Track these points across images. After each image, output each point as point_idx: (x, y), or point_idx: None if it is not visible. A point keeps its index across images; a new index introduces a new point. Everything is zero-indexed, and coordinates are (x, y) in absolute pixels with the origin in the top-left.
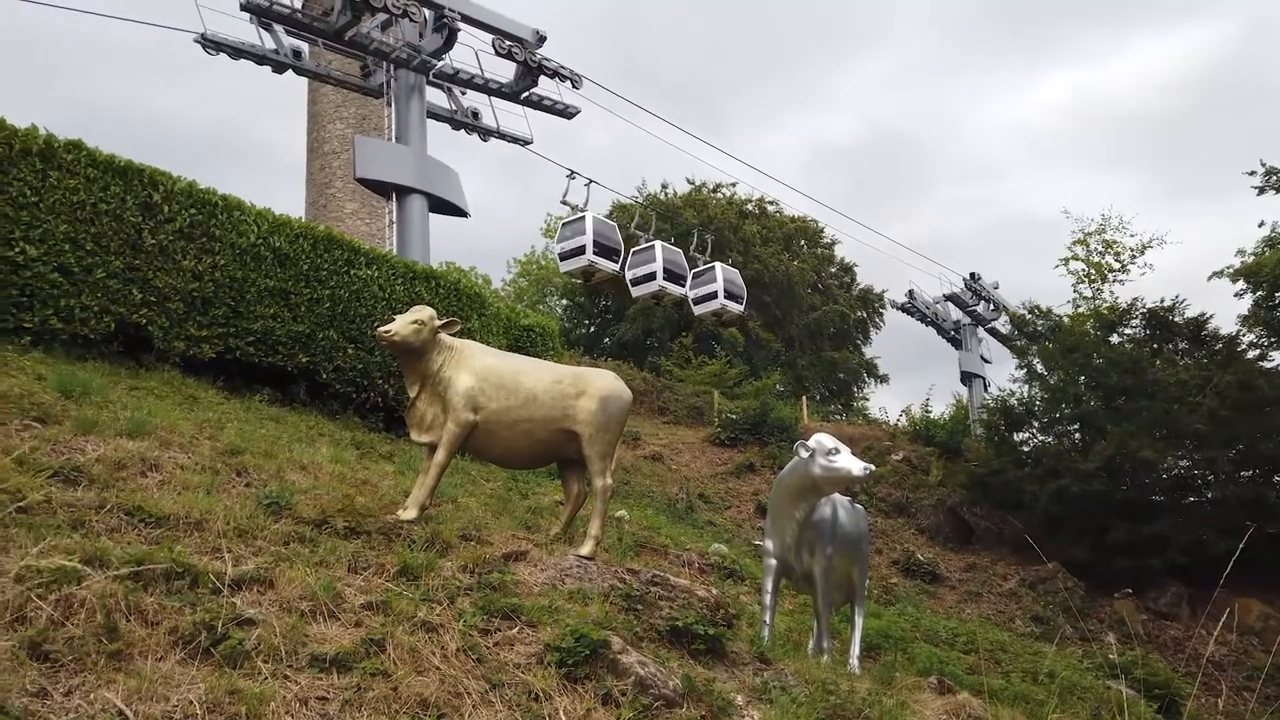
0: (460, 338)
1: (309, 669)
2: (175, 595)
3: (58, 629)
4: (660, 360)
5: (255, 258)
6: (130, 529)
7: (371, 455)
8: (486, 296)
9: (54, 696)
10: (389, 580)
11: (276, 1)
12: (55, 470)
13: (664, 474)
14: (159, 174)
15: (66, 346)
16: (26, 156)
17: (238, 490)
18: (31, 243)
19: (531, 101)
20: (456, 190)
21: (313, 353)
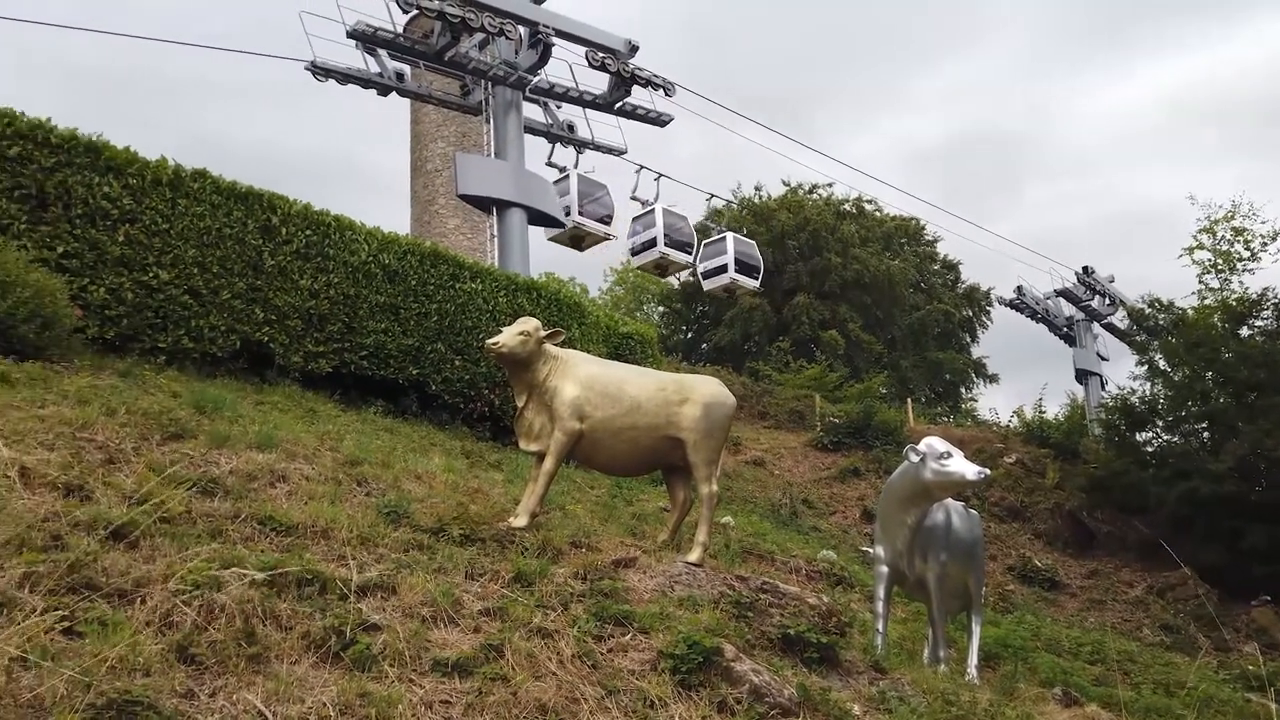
0: (563, 347)
1: (432, 673)
2: (306, 601)
3: (201, 633)
4: (759, 365)
5: (366, 275)
6: (263, 537)
7: (480, 464)
8: (585, 306)
9: (200, 697)
10: (504, 587)
11: (380, 28)
12: (194, 482)
13: (766, 479)
14: (277, 198)
15: (197, 364)
16: (158, 186)
17: (359, 499)
18: (164, 267)
19: (625, 111)
20: (553, 202)
21: (422, 365)
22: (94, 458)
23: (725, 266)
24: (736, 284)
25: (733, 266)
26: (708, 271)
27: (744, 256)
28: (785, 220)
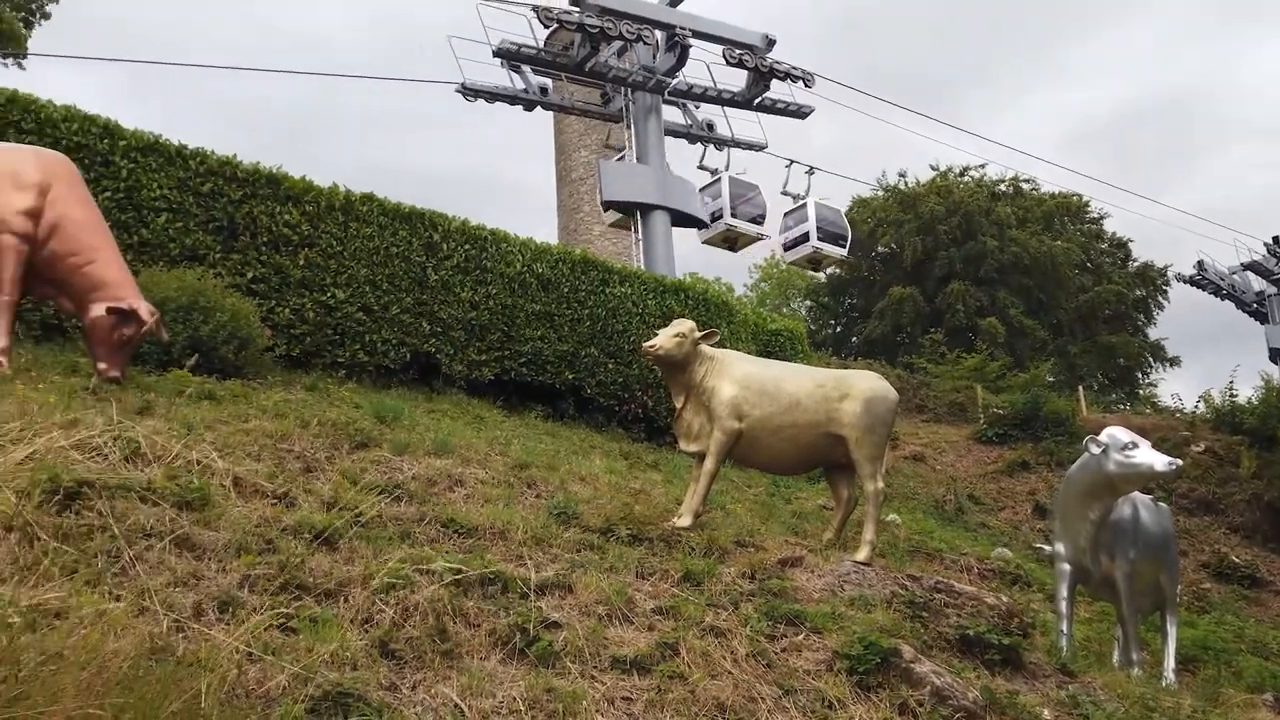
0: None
1: (612, 670)
2: (490, 600)
3: (399, 630)
4: (913, 358)
5: (522, 284)
6: (447, 539)
7: (639, 465)
8: (733, 304)
9: (402, 690)
10: (674, 586)
11: (523, 45)
12: (382, 488)
13: (927, 475)
14: (437, 216)
15: (372, 376)
16: (331, 211)
17: (530, 501)
18: (339, 287)
19: (764, 106)
20: (695, 203)
21: (577, 370)
22: (294, 467)
23: (807, 235)
24: (821, 253)
25: (815, 235)
26: (789, 242)
27: (827, 224)
28: (934, 206)
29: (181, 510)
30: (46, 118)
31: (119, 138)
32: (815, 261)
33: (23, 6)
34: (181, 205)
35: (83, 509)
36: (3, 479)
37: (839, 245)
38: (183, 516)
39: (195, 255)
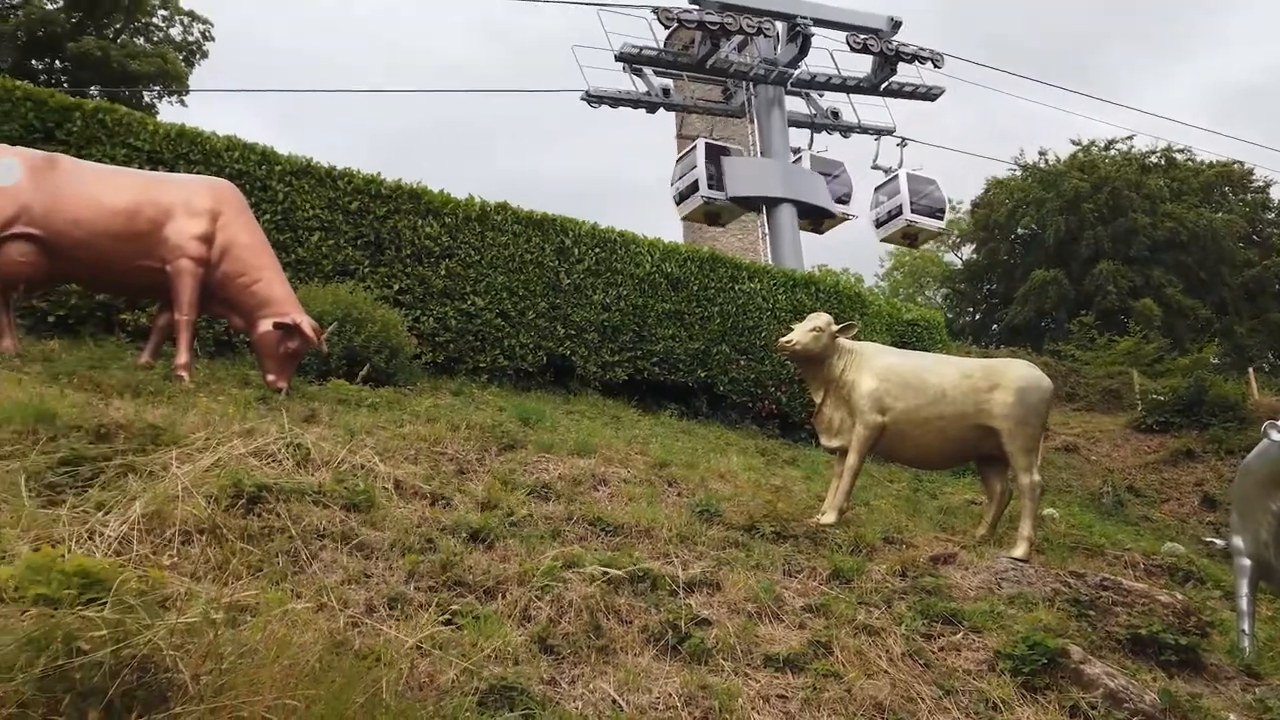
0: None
1: (765, 668)
2: (640, 597)
3: (555, 626)
4: (1060, 343)
5: (651, 285)
6: (594, 537)
7: (776, 461)
8: (865, 296)
9: (561, 685)
10: (823, 583)
11: (644, 47)
12: (531, 488)
13: (1081, 466)
14: (568, 221)
15: (512, 380)
16: (469, 222)
17: (672, 500)
18: (479, 295)
19: (891, 90)
20: (822, 194)
21: (709, 367)
22: (448, 469)
23: (900, 209)
24: (915, 226)
25: (908, 207)
26: (882, 217)
27: (922, 195)
28: (1078, 182)
29: (349, 512)
30: (211, 148)
31: (275, 163)
32: (910, 236)
33: (184, 47)
34: (332, 223)
35: (263, 512)
36: (193, 485)
37: (935, 218)
38: (351, 518)
39: (346, 270)
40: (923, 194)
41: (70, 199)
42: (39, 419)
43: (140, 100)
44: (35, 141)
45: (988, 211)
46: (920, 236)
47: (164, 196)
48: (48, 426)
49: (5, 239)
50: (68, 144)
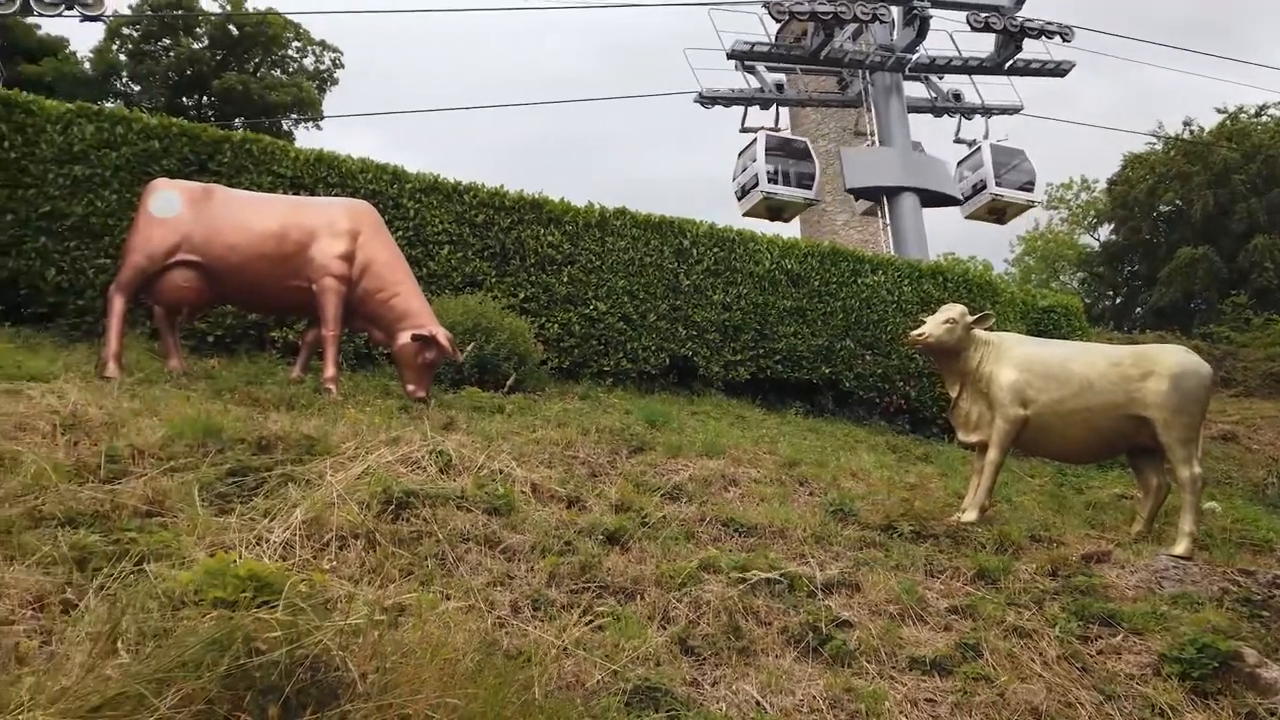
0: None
1: (911, 671)
2: (778, 598)
3: (694, 627)
4: (1212, 325)
5: (772, 282)
6: (728, 538)
7: (909, 458)
8: (997, 283)
9: (703, 686)
10: (968, 584)
11: (756, 43)
12: (662, 490)
13: (1241, 456)
14: (686, 222)
15: (635, 382)
16: (589, 229)
17: (803, 499)
18: (600, 299)
19: (1017, 69)
20: (946, 180)
21: (833, 363)
22: (581, 472)
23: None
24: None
25: (992, 181)
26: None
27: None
28: (1227, 153)
29: (491, 516)
30: (346, 170)
31: (405, 181)
32: (997, 211)
33: (316, 75)
34: (460, 237)
35: (411, 517)
36: (347, 492)
37: (1025, 190)
38: (493, 521)
39: (474, 281)
40: (1009, 166)
41: (225, 226)
42: (207, 433)
43: (280, 128)
44: (191, 173)
45: (1126, 189)
46: (1008, 212)
47: (308, 219)
48: (215, 440)
49: (169, 266)
50: (219, 174)
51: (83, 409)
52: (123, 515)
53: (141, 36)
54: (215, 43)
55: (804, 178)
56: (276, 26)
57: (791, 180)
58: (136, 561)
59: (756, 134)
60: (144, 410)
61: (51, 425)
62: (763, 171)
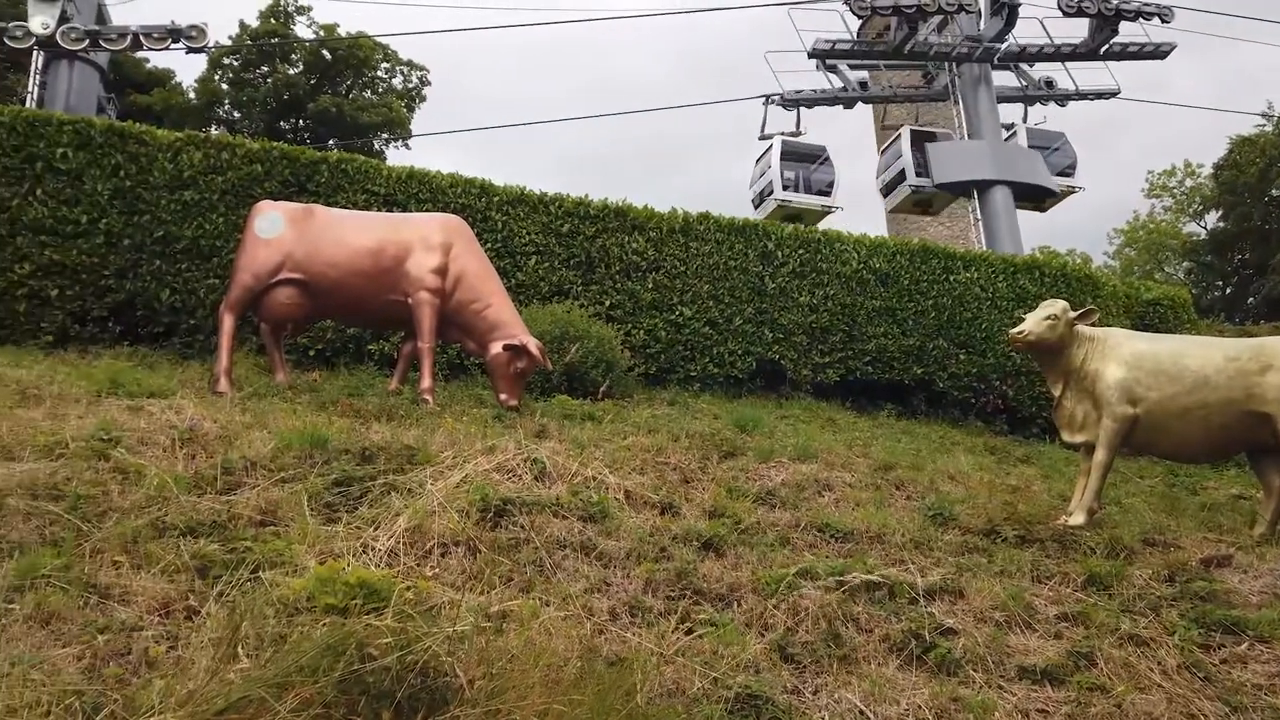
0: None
1: (1020, 680)
2: (878, 605)
3: (793, 634)
4: None
5: (859, 282)
6: (824, 544)
7: (1008, 460)
8: (1097, 277)
9: (804, 694)
10: (1078, 590)
11: (837, 40)
12: (755, 495)
13: None
14: (770, 225)
15: (722, 387)
16: (673, 234)
17: (900, 503)
18: (686, 305)
19: (1113, 53)
20: (1041, 172)
21: (925, 364)
22: (673, 478)
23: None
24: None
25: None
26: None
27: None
28: None
29: (586, 523)
30: (436, 186)
31: (493, 194)
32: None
33: (404, 95)
34: (546, 246)
35: (509, 524)
36: (447, 500)
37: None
38: (588, 528)
39: (561, 290)
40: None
41: (326, 244)
42: (314, 444)
43: (371, 148)
44: (291, 194)
45: (1234, 173)
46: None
47: (403, 235)
48: (321, 451)
49: (274, 285)
50: (317, 194)
51: (199, 423)
52: (239, 525)
53: (242, 65)
54: (310, 68)
55: (822, 184)
56: (366, 49)
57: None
58: (252, 569)
59: (772, 140)
60: (255, 423)
61: (171, 439)
62: (778, 178)
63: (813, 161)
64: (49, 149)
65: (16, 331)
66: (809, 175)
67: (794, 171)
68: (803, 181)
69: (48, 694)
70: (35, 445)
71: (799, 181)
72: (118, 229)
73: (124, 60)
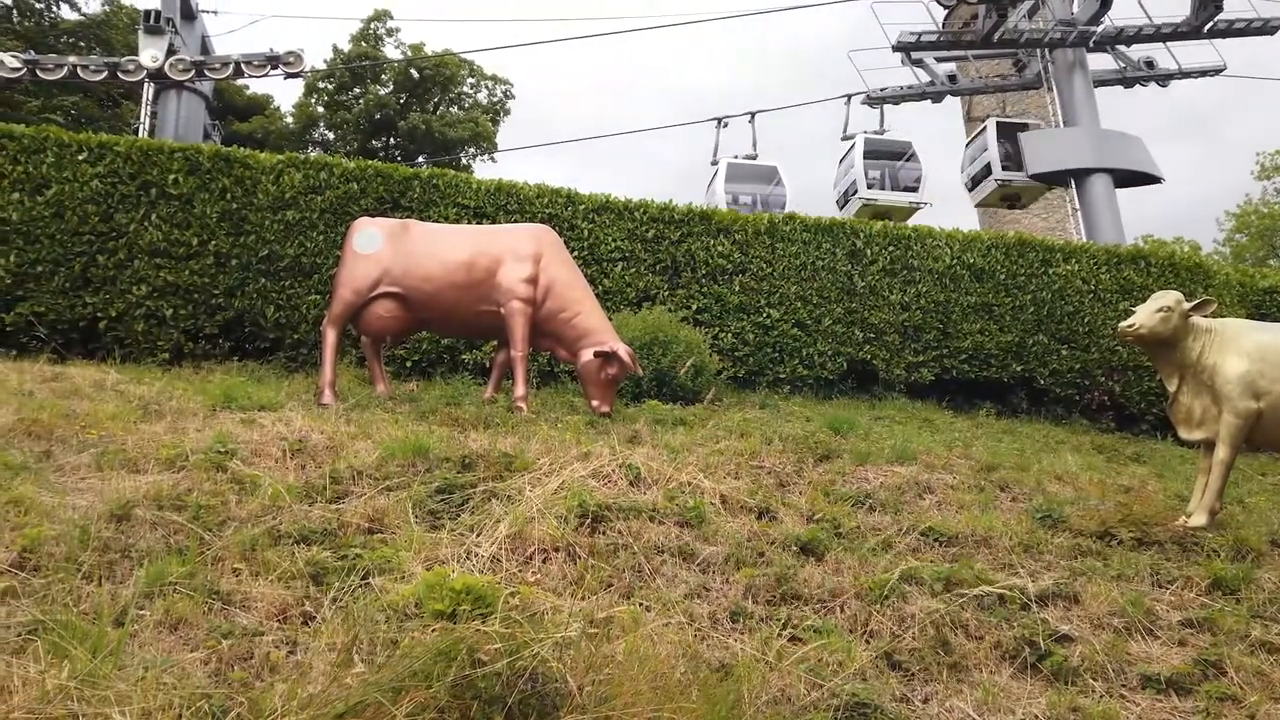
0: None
1: (1143, 689)
2: (988, 611)
3: (899, 641)
4: None
5: (953, 278)
6: (928, 548)
7: (1118, 458)
8: (1208, 265)
9: (914, 703)
10: (1202, 595)
11: (923, 33)
12: (853, 499)
13: None
14: (858, 223)
15: (812, 389)
16: (758, 236)
17: (1006, 506)
18: (773, 306)
19: (1218, 31)
20: (1143, 157)
21: (1025, 360)
22: (768, 482)
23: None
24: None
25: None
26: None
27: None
28: None
29: (683, 528)
30: (524, 197)
31: (578, 203)
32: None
33: (490, 109)
34: (632, 253)
35: (607, 530)
36: (545, 507)
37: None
38: (685, 533)
39: (648, 295)
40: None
41: (421, 258)
42: (416, 453)
43: (459, 162)
44: (386, 210)
45: None
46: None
47: (494, 246)
48: (423, 459)
49: (373, 298)
50: (410, 209)
51: (307, 434)
52: (348, 532)
53: (335, 88)
54: (399, 87)
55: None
56: (452, 66)
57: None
58: (363, 576)
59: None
60: (359, 433)
61: (282, 450)
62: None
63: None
64: (161, 175)
65: (136, 350)
66: (895, 172)
67: (879, 169)
68: (889, 179)
69: (179, 697)
70: (158, 458)
71: (885, 179)
72: (225, 249)
73: (225, 88)
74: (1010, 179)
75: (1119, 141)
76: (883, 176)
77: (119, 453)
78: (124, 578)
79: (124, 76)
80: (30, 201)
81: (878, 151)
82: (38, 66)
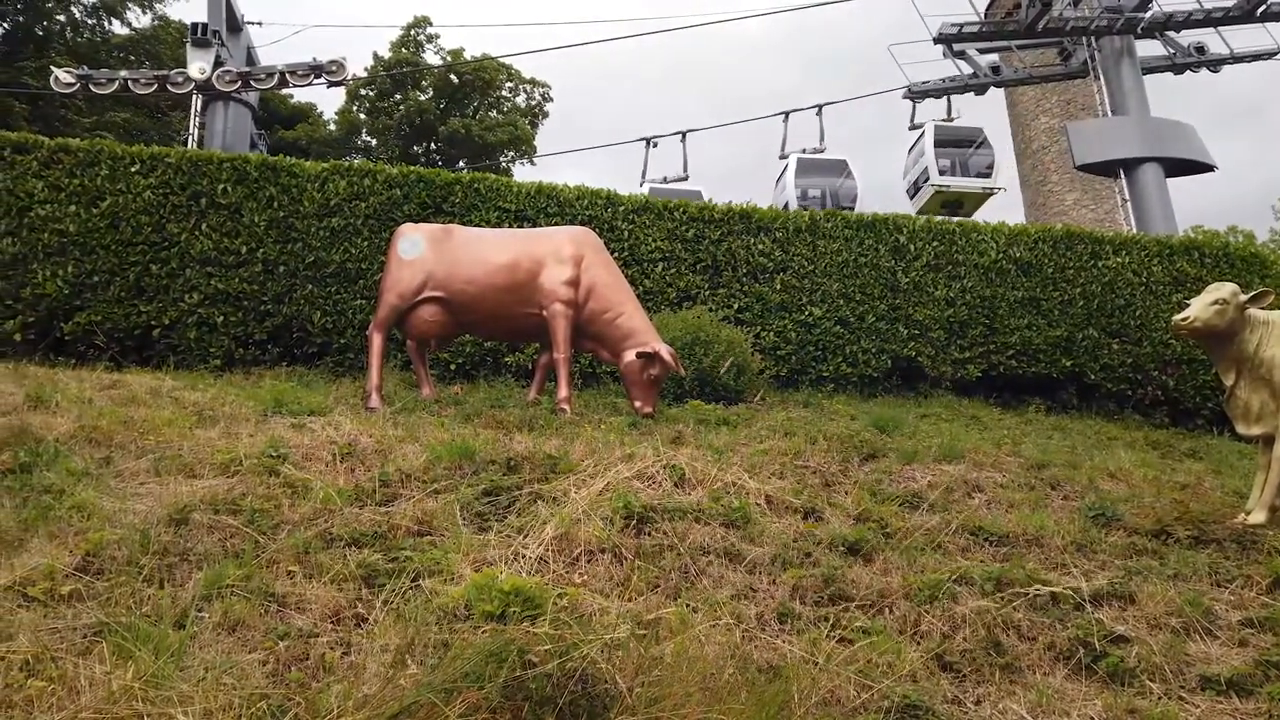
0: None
1: (1203, 691)
2: (1040, 611)
3: (950, 642)
4: None
5: (999, 273)
6: (977, 548)
7: (1173, 455)
8: (1264, 255)
9: (966, 704)
10: (1263, 594)
11: (964, 24)
12: (901, 498)
13: None
14: (901, 218)
15: (856, 386)
16: (799, 234)
17: (1057, 504)
18: (815, 305)
19: (1271, 13)
20: (1196, 145)
21: (1075, 355)
22: (813, 482)
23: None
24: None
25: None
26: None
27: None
28: None
29: (728, 529)
30: (564, 199)
31: (618, 204)
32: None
33: (528, 112)
34: (672, 253)
35: (652, 531)
36: (590, 508)
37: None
38: (730, 534)
39: (688, 295)
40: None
41: (464, 262)
42: (462, 456)
43: (498, 166)
44: (429, 215)
45: None
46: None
47: (535, 249)
48: (469, 462)
49: (418, 303)
50: (452, 214)
51: (355, 438)
52: (398, 535)
53: (377, 95)
54: (439, 92)
55: (981, 167)
56: (491, 70)
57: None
58: (413, 578)
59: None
60: (406, 437)
61: (331, 454)
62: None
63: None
64: (211, 185)
65: (189, 356)
66: (966, 159)
67: (949, 157)
68: (960, 166)
69: (239, 697)
70: (213, 463)
71: (956, 166)
72: (273, 257)
73: (270, 97)
74: (948, 185)
75: (1169, 130)
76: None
77: (176, 458)
78: (183, 580)
79: (173, 89)
80: (86, 214)
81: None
82: (90, 81)
